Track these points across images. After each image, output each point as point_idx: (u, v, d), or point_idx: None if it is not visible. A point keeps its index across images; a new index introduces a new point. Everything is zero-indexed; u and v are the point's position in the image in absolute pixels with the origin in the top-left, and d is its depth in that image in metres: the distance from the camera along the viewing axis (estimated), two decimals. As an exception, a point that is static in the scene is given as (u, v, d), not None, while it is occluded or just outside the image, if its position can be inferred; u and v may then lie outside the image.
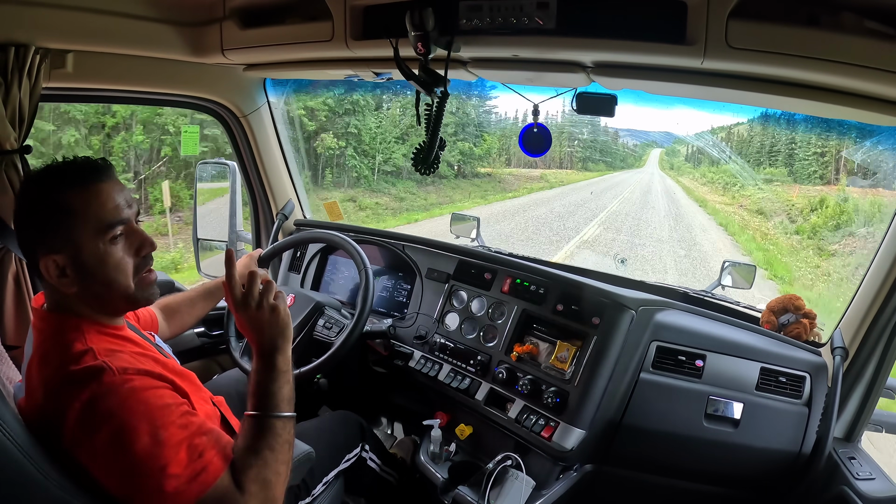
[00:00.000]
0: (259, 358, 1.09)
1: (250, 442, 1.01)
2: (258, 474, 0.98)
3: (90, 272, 1.00)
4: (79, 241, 0.98)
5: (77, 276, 0.99)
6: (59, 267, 0.98)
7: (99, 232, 1.00)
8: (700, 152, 16.79)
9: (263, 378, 1.07)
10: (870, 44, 0.95)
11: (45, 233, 0.98)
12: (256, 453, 1.00)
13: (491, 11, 1.17)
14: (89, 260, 0.99)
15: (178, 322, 1.61)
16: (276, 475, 1.00)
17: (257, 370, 1.08)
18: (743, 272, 1.88)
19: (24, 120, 1.48)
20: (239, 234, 2.21)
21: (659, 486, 1.58)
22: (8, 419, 0.89)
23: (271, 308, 1.10)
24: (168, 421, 0.92)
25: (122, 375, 0.92)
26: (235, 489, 0.95)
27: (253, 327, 1.10)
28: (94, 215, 0.99)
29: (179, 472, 0.90)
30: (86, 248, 0.99)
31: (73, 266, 0.99)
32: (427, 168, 1.30)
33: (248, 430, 1.03)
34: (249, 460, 0.98)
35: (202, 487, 0.91)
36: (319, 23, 1.43)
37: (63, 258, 0.98)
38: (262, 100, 2.14)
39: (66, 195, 0.98)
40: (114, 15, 1.51)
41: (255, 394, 1.06)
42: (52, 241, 0.97)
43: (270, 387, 1.06)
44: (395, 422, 2.26)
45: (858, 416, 1.51)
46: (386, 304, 2.01)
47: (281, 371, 1.09)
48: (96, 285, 1.01)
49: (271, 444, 1.02)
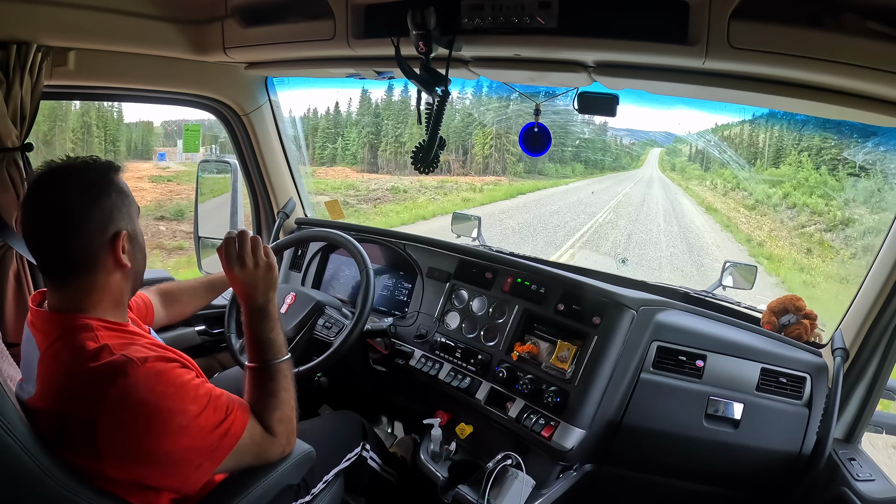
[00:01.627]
0: (254, 311, 1.19)
1: (263, 389, 1.14)
2: (281, 414, 1.13)
3: (140, 245, 1.11)
4: (133, 218, 1.10)
5: (133, 251, 1.08)
6: (126, 242, 1.06)
7: (139, 211, 1.12)
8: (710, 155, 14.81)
9: (261, 328, 1.19)
10: (872, 45, 0.94)
11: (117, 211, 1.05)
12: (273, 396, 1.13)
13: (493, 11, 1.17)
14: (139, 235, 1.12)
15: (177, 310, 1.64)
16: (292, 410, 1.16)
17: (253, 323, 1.19)
18: (744, 272, 1.88)
19: (25, 118, 1.49)
20: (240, 232, 2.20)
21: (659, 486, 1.58)
22: (10, 416, 0.89)
23: (266, 265, 1.20)
24: (194, 394, 1.00)
25: (145, 364, 0.96)
26: (265, 433, 1.10)
27: (248, 281, 1.19)
28: (134, 198, 1.11)
29: (211, 432, 1.00)
30: (137, 224, 1.11)
31: (131, 240, 1.08)
32: (426, 167, 1.31)
33: (257, 380, 1.15)
34: (269, 404, 1.13)
35: (233, 440, 1.03)
36: (321, 21, 1.43)
37: (127, 234, 1.06)
38: (263, 98, 2.14)
39: (119, 179, 1.08)
40: (116, 13, 1.51)
41: (254, 345, 1.18)
42: (121, 219, 1.05)
43: (269, 335, 1.19)
44: (396, 421, 2.26)
45: (859, 418, 1.51)
46: (387, 303, 2.01)
47: (274, 319, 1.21)
48: (141, 259, 1.12)
49: (284, 386, 1.16)
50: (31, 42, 1.43)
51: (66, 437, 0.95)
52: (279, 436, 1.12)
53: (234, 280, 1.20)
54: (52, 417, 0.96)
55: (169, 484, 1.02)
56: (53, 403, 0.98)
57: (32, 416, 0.96)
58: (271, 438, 1.11)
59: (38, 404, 0.99)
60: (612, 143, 17.33)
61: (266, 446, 1.11)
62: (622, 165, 18.00)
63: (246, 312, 1.20)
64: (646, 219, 11.88)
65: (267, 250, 1.23)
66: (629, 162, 18.48)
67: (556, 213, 12.46)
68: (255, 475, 1.12)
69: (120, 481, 0.97)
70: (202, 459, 1.00)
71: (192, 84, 1.96)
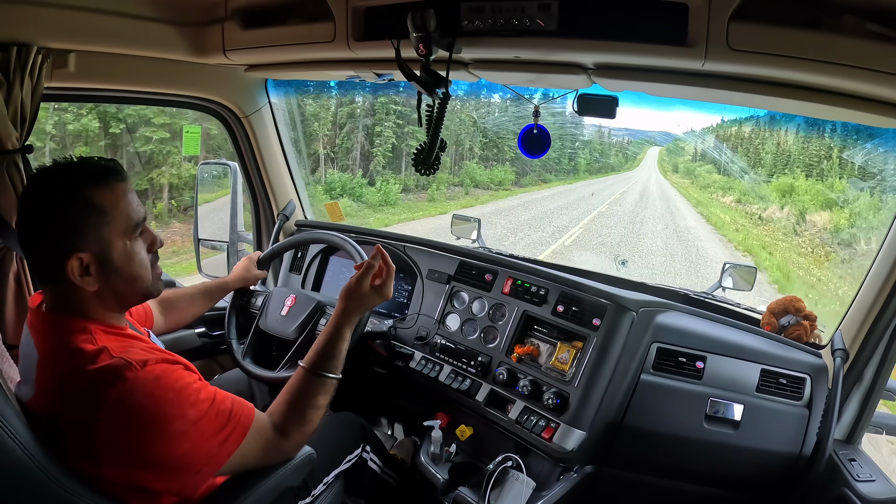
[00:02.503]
0: (344, 323, 1.26)
1: (302, 393, 1.17)
2: (303, 421, 1.15)
3: (116, 269, 1.02)
4: (108, 239, 1.00)
5: (101, 274, 1.00)
6: (84, 265, 0.98)
7: (127, 230, 1.03)
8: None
9: (338, 339, 1.24)
10: (871, 46, 0.95)
11: (73, 231, 0.97)
12: (307, 404, 1.16)
13: (493, 13, 1.17)
14: (118, 258, 1.02)
15: (175, 317, 1.63)
16: (313, 424, 1.18)
17: (335, 332, 1.24)
18: (744, 274, 1.88)
19: (25, 120, 1.48)
20: (240, 234, 2.21)
21: (659, 488, 1.58)
22: (10, 418, 0.89)
23: (385, 295, 1.31)
24: (194, 399, 0.98)
25: (144, 368, 0.95)
26: (277, 436, 1.11)
27: (363, 298, 1.28)
28: (122, 214, 1.02)
29: (211, 437, 0.99)
30: (115, 246, 1.01)
31: (99, 263, 1.00)
32: (427, 169, 1.31)
33: (305, 383, 1.18)
34: (304, 413, 1.15)
35: (233, 447, 1.02)
36: (321, 24, 1.43)
37: (89, 256, 0.98)
38: (263, 100, 2.14)
39: (93, 194, 0.99)
40: (116, 15, 1.51)
41: (319, 352, 1.22)
42: (79, 240, 0.97)
43: (339, 346, 1.24)
44: (396, 423, 2.26)
45: (859, 418, 1.51)
46: (386, 305, 2.01)
47: (348, 338, 1.26)
48: (120, 282, 1.03)
49: (321, 401, 1.19)
50: (31, 44, 1.43)
51: (64, 440, 0.95)
52: (291, 443, 1.13)
53: (356, 289, 1.29)
54: (51, 420, 0.96)
55: (168, 488, 1.01)
56: (52, 405, 0.97)
57: (32, 418, 0.95)
58: (281, 444, 1.12)
59: (37, 406, 0.99)
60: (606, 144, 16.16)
61: (271, 451, 1.11)
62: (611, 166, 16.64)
63: (336, 319, 1.26)
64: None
65: (388, 279, 1.32)
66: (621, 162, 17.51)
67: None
68: (256, 477, 1.11)
69: (118, 484, 0.97)
70: (201, 465, 0.99)
71: (193, 86, 1.96)
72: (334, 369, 1.22)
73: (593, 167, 17.82)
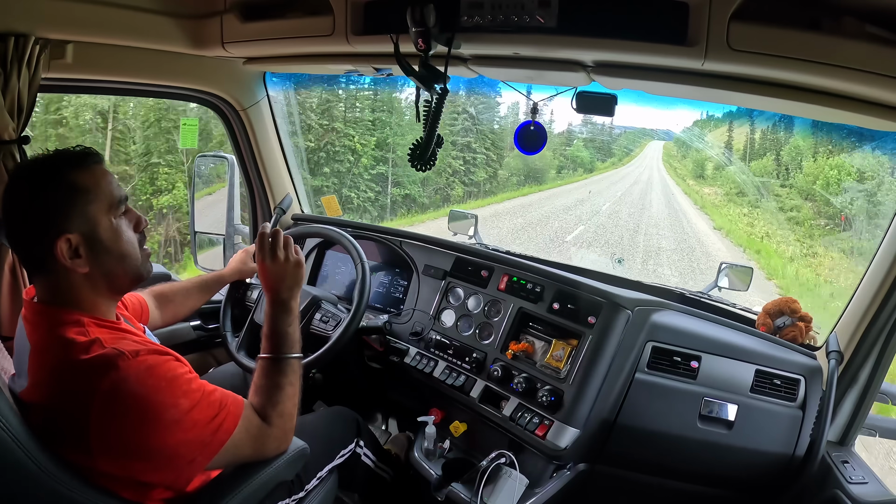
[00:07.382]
0: (276, 304, 1.26)
1: (271, 381, 1.18)
2: (283, 409, 1.15)
3: (106, 247, 1.04)
4: (94, 217, 1.02)
5: (91, 254, 1.02)
6: (73, 247, 1.00)
7: (111, 207, 1.05)
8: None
9: (280, 321, 1.25)
10: (870, 48, 0.95)
11: (59, 213, 0.99)
12: (279, 389, 1.17)
13: (492, 9, 1.17)
14: (105, 234, 1.03)
15: (171, 311, 1.63)
16: (294, 408, 1.19)
17: (273, 315, 1.25)
18: (740, 274, 1.88)
19: (22, 110, 1.48)
20: (236, 227, 2.21)
21: (652, 486, 1.58)
22: (3, 410, 0.89)
23: (295, 261, 1.30)
24: (186, 388, 1.00)
25: (136, 358, 0.95)
26: (263, 426, 1.11)
27: (276, 274, 1.27)
28: (104, 192, 1.04)
29: (204, 426, 1.00)
30: (101, 223, 1.03)
31: (88, 244, 1.01)
32: (424, 164, 1.30)
33: (266, 371, 1.19)
34: (273, 396, 1.15)
35: (225, 436, 1.03)
36: (320, 17, 1.42)
37: (77, 237, 1.00)
38: (261, 93, 2.13)
39: (75, 175, 1.01)
40: (114, 6, 1.51)
41: (271, 337, 1.24)
42: (65, 221, 0.99)
43: (287, 328, 1.25)
44: (390, 418, 2.26)
45: (852, 420, 1.51)
46: (382, 300, 2.01)
47: (294, 315, 1.28)
48: (111, 261, 1.05)
49: (291, 381, 1.20)
50: (29, 34, 1.43)
51: (57, 431, 0.95)
52: (276, 429, 1.13)
53: (263, 272, 1.28)
54: (44, 411, 0.96)
55: (161, 479, 1.01)
56: (44, 397, 0.97)
57: (25, 410, 0.95)
58: (268, 432, 1.12)
59: (30, 398, 0.99)
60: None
61: (262, 441, 1.11)
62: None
63: (269, 304, 1.26)
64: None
65: (297, 248, 1.32)
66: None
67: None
68: (249, 471, 1.12)
69: (112, 476, 0.97)
70: (195, 454, 1.00)
71: (191, 78, 1.95)
72: (289, 350, 1.23)
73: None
